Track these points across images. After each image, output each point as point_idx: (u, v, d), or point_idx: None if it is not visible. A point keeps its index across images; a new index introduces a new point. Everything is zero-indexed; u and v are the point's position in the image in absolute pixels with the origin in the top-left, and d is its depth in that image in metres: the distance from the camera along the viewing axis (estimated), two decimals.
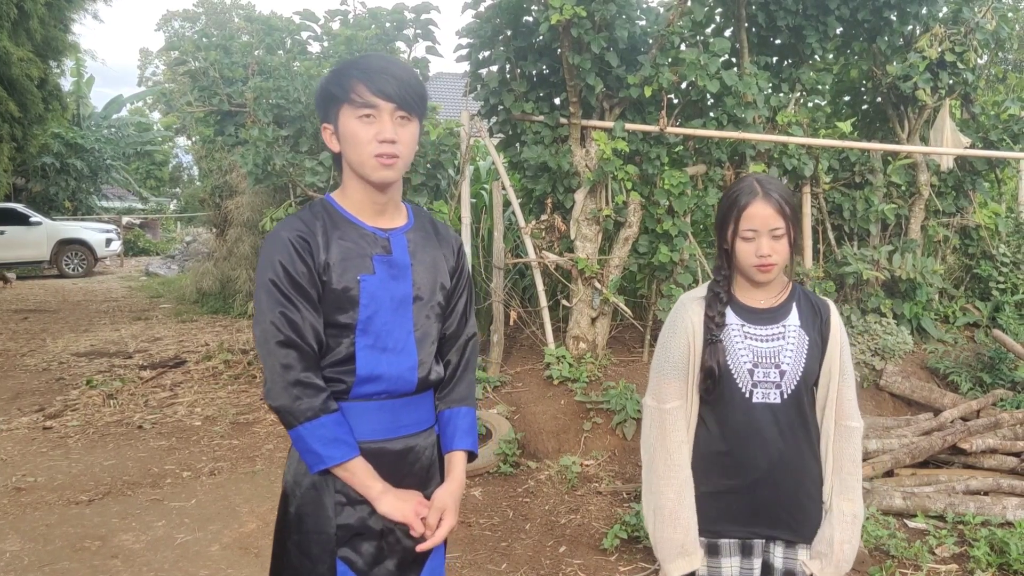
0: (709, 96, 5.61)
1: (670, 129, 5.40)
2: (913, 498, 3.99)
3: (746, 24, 6.16)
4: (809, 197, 6.26)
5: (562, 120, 5.50)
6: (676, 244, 5.45)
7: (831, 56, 6.96)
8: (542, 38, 5.36)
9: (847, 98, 7.51)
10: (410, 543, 1.70)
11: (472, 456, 1.86)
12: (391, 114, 1.64)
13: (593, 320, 5.58)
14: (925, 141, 6.62)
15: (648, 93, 5.15)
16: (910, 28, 6.52)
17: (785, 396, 1.89)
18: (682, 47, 5.43)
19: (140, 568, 3.56)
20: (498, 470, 4.65)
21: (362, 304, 1.66)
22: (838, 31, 6.42)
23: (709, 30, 6.49)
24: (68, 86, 23.77)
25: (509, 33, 5.52)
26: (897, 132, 6.75)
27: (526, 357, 5.78)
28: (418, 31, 5.75)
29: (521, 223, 5.69)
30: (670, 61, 5.28)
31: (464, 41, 5.73)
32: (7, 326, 10.30)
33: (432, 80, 7.47)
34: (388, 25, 5.73)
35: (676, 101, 5.58)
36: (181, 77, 12.08)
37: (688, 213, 5.54)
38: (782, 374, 1.89)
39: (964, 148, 6.29)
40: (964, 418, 4.93)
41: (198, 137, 14.03)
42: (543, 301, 5.66)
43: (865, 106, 7.26)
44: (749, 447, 1.90)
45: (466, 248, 2.04)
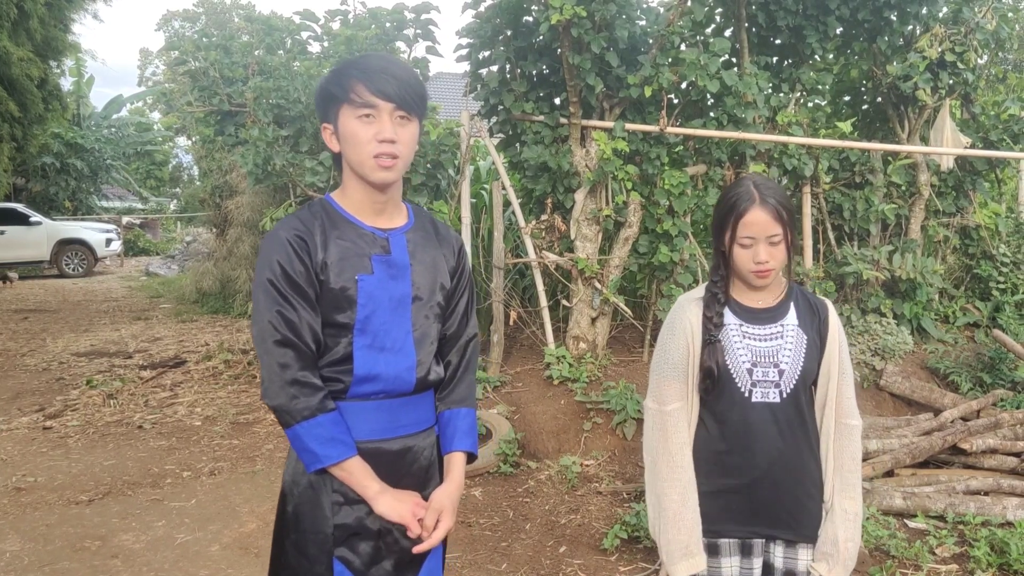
0: (709, 96, 5.61)
1: (670, 129, 5.40)
2: (913, 498, 3.99)
3: (746, 24, 6.16)
4: (809, 197, 6.26)
5: (562, 120, 5.51)
6: (676, 244, 5.46)
7: (831, 56, 6.96)
8: (542, 38, 5.36)
9: (847, 98, 7.51)
10: (408, 543, 1.69)
11: (472, 458, 1.85)
12: (391, 114, 1.63)
13: (593, 320, 5.58)
14: (925, 141, 6.62)
15: (648, 93, 5.15)
16: (910, 28, 6.52)
17: (784, 395, 1.90)
18: (682, 47, 5.43)
19: (140, 568, 3.56)
20: (498, 470, 4.65)
21: (360, 304, 1.66)
22: (838, 31, 6.42)
23: (709, 30, 6.49)
24: (68, 86, 23.77)
25: (509, 33, 5.52)
26: (897, 132, 6.75)
27: (526, 357, 5.78)
28: (418, 31, 5.75)
29: (521, 223, 5.68)
30: (670, 61, 5.28)
31: (464, 41, 5.74)
32: (7, 326, 10.30)
33: (432, 80, 7.47)
34: (388, 25, 5.73)
35: (676, 101, 5.58)
36: (181, 77, 12.08)
37: (688, 213, 5.54)
38: (781, 373, 1.90)
39: (964, 148, 6.29)
40: (964, 418, 4.93)
41: (198, 137, 14.03)
42: (543, 301, 5.66)
43: (865, 106, 7.26)
44: (748, 446, 1.91)
45: (466, 248, 2.02)
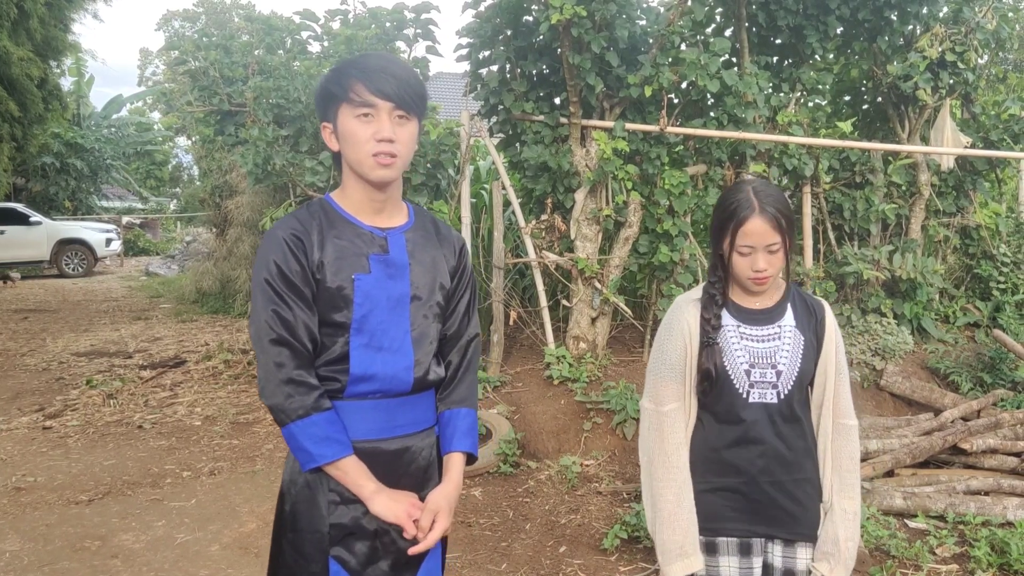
0: (709, 96, 5.61)
1: (670, 129, 5.40)
2: (914, 498, 3.99)
3: (746, 24, 6.16)
4: (809, 197, 6.25)
5: (562, 120, 5.50)
6: (676, 244, 5.45)
7: (831, 56, 6.95)
8: (542, 38, 5.36)
9: (847, 98, 7.50)
10: (405, 544, 1.68)
11: (472, 459, 1.83)
12: (389, 113, 1.63)
13: (593, 320, 5.58)
14: (925, 141, 6.62)
15: (648, 93, 5.15)
16: (910, 28, 6.52)
17: (781, 396, 1.91)
18: (682, 47, 5.43)
19: (140, 568, 3.56)
20: (498, 470, 4.65)
21: (356, 303, 1.65)
22: (838, 31, 6.42)
23: (709, 30, 6.49)
24: (68, 86, 23.78)
25: (509, 33, 5.52)
26: (897, 132, 6.75)
27: (526, 357, 5.78)
28: (418, 31, 5.75)
29: (521, 223, 5.68)
30: (670, 61, 5.28)
31: (464, 41, 5.73)
32: (7, 326, 10.30)
33: (432, 80, 7.47)
34: (388, 25, 5.73)
35: (676, 101, 5.58)
36: (181, 77, 12.08)
37: (688, 213, 5.54)
38: (778, 374, 1.91)
39: (964, 148, 6.29)
40: (964, 418, 4.93)
41: (198, 137, 14.03)
42: (543, 301, 5.66)
43: (865, 106, 7.25)
44: (746, 447, 1.91)
45: (468, 248, 2.00)
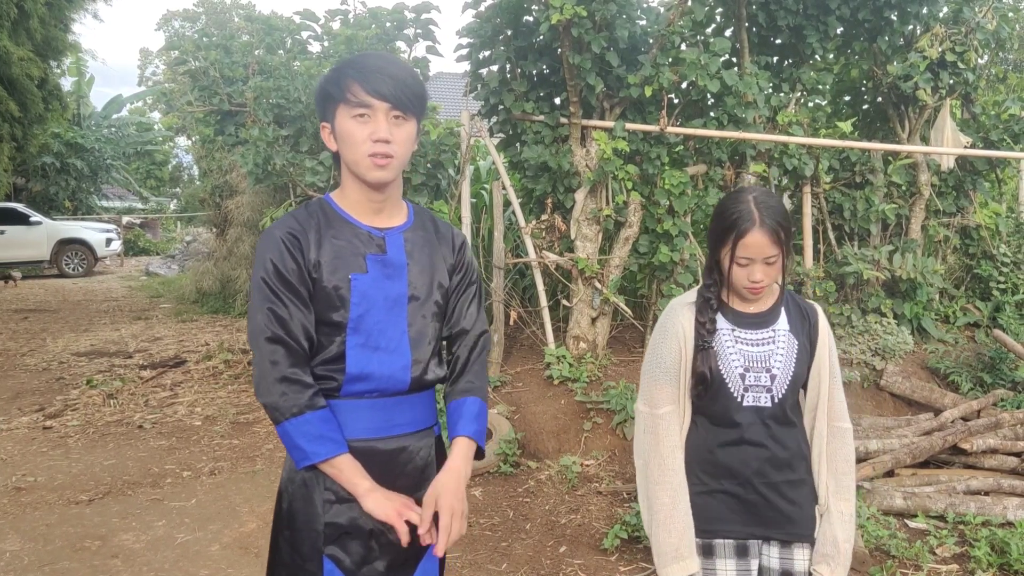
0: (709, 96, 5.61)
1: (670, 129, 5.40)
2: (914, 498, 3.99)
3: (746, 24, 6.16)
4: (809, 197, 6.25)
5: (562, 120, 5.50)
6: (676, 244, 5.45)
7: (831, 56, 6.95)
8: (542, 38, 5.36)
9: (847, 98, 7.51)
10: (400, 544, 1.65)
11: (479, 452, 1.76)
12: (386, 114, 1.62)
13: (593, 320, 5.58)
14: (925, 141, 6.62)
15: (648, 93, 5.14)
16: (911, 28, 6.52)
17: (776, 400, 1.92)
18: (682, 47, 5.43)
19: (140, 568, 3.56)
20: (498, 470, 4.65)
21: (353, 303, 1.65)
22: (839, 31, 6.42)
23: (709, 30, 6.49)
24: (68, 86, 23.78)
25: (509, 33, 5.52)
26: (897, 132, 6.75)
27: (526, 357, 5.78)
28: (418, 31, 5.75)
29: (521, 223, 5.68)
30: (670, 61, 5.28)
31: (464, 41, 5.73)
32: (7, 326, 10.30)
33: (432, 80, 7.47)
34: (388, 25, 5.73)
35: (676, 101, 5.58)
36: (181, 77, 12.08)
37: (688, 213, 5.54)
38: (773, 378, 1.92)
39: (964, 148, 6.29)
40: (965, 418, 4.93)
41: (198, 137, 14.03)
42: (543, 301, 5.66)
43: (865, 106, 7.25)
44: (740, 450, 1.93)
45: (469, 244, 1.99)
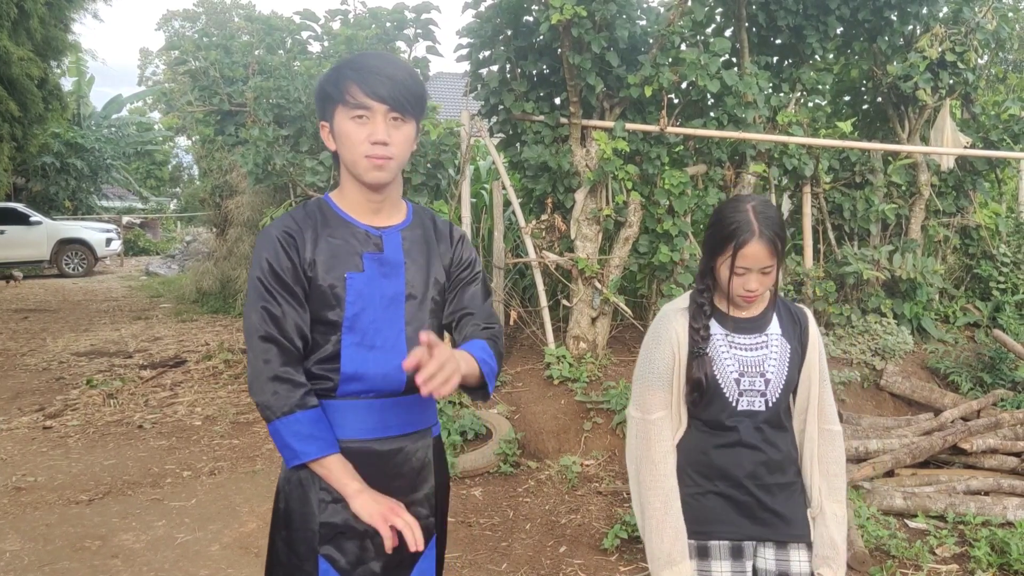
0: (709, 96, 5.61)
1: (670, 129, 5.40)
2: (914, 498, 3.99)
3: (746, 24, 6.16)
4: (809, 197, 6.26)
5: (562, 120, 5.50)
6: (676, 244, 5.45)
7: (831, 56, 6.95)
8: (542, 38, 5.36)
9: (847, 98, 7.51)
10: (400, 545, 1.63)
11: (483, 387, 1.64)
12: (384, 115, 1.61)
13: (593, 320, 5.58)
14: (925, 141, 6.62)
15: (648, 93, 5.15)
16: (910, 28, 6.52)
17: (769, 404, 1.94)
18: (682, 47, 5.43)
19: (140, 568, 3.56)
20: (498, 470, 4.65)
21: (348, 301, 1.65)
22: (838, 31, 6.42)
23: (709, 30, 6.49)
24: (68, 86, 23.77)
25: (509, 33, 5.52)
26: (897, 132, 6.75)
27: (526, 357, 5.78)
28: (418, 31, 5.75)
29: (521, 223, 5.68)
30: (670, 61, 5.28)
31: (464, 41, 5.73)
32: (7, 326, 10.30)
33: (432, 80, 7.47)
34: (388, 25, 5.73)
35: (676, 101, 5.58)
36: (181, 77, 12.09)
37: (688, 213, 5.54)
38: (767, 383, 1.93)
39: (964, 148, 6.29)
40: (964, 418, 4.93)
41: (198, 137, 14.03)
42: (543, 301, 5.66)
43: (865, 106, 7.25)
44: (735, 452, 1.94)
45: (468, 238, 1.97)
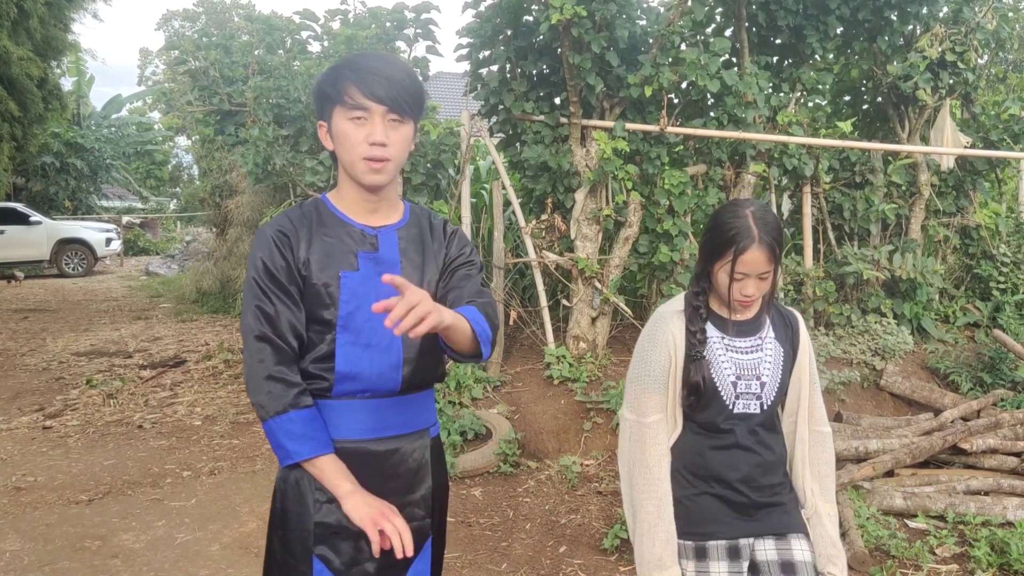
0: (709, 96, 5.61)
1: (670, 129, 5.40)
2: (914, 498, 3.99)
3: (746, 24, 6.16)
4: (809, 197, 6.26)
5: (562, 120, 5.50)
6: (676, 244, 5.45)
7: (831, 56, 6.95)
8: (542, 38, 5.36)
9: (847, 98, 7.51)
10: (391, 547, 1.62)
11: (477, 349, 1.57)
12: (382, 116, 1.61)
13: (593, 320, 5.58)
14: (925, 141, 6.62)
15: (648, 93, 5.15)
16: (910, 28, 6.52)
17: (764, 407, 1.95)
18: (682, 47, 5.43)
19: (140, 568, 3.56)
20: (498, 470, 4.65)
21: (342, 300, 1.65)
22: (838, 31, 6.42)
23: (709, 30, 6.49)
24: (68, 86, 23.77)
25: (509, 33, 5.52)
26: (897, 132, 6.75)
27: (526, 357, 5.78)
28: (418, 31, 5.74)
29: (521, 223, 5.68)
30: (670, 61, 5.28)
31: (464, 41, 5.73)
32: (7, 325, 10.30)
33: (432, 80, 7.48)
34: (388, 25, 5.73)
35: (676, 101, 5.58)
36: (181, 76, 12.09)
37: (688, 213, 5.54)
38: (763, 385, 1.94)
39: (964, 148, 6.29)
40: (964, 418, 4.93)
41: (198, 137, 14.03)
42: (543, 301, 5.66)
43: (865, 106, 7.25)
44: (731, 454, 1.95)
45: (465, 234, 1.96)
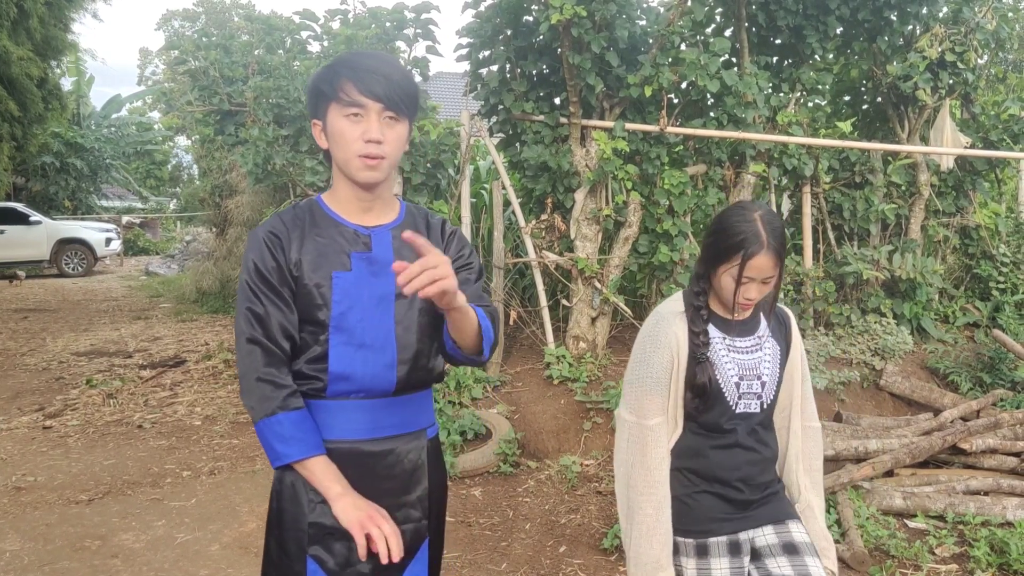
0: (709, 96, 5.61)
1: (670, 129, 5.40)
2: (913, 498, 4.00)
3: (746, 24, 6.16)
4: (809, 197, 6.26)
5: (562, 120, 5.50)
6: (676, 244, 5.46)
7: (831, 56, 6.95)
8: (542, 38, 5.36)
9: (847, 98, 7.51)
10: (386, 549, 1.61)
11: (479, 347, 1.62)
12: (378, 114, 1.61)
13: (593, 320, 5.58)
14: (925, 141, 6.62)
15: (648, 93, 5.15)
16: (910, 28, 6.52)
17: (764, 405, 1.96)
18: (682, 47, 5.43)
19: (140, 567, 3.56)
20: (498, 470, 4.65)
21: (334, 300, 1.64)
22: (838, 31, 6.42)
23: (709, 30, 6.49)
24: (68, 85, 23.77)
25: (509, 33, 5.52)
26: (897, 132, 6.75)
27: (526, 357, 5.78)
28: (418, 31, 5.75)
29: (521, 223, 5.68)
30: (670, 61, 5.28)
31: (464, 41, 5.73)
32: (7, 325, 10.30)
33: (432, 80, 7.48)
34: (388, 25, 5.73)
35: (676, 101, 5.58)
36: (181, 76, 12.10)
37: (688, 213, 5.54)
38: (763, 385, 1.95)
39: (964, 148, 6.29)
40: (964, 418, 4.93)
41: (198, 137, 14.04)
42: (543, 301, 5.66)
43: (865, 106, 7.25)
44: (731, 453, 1.95)
45: (463, 233, 1.95)
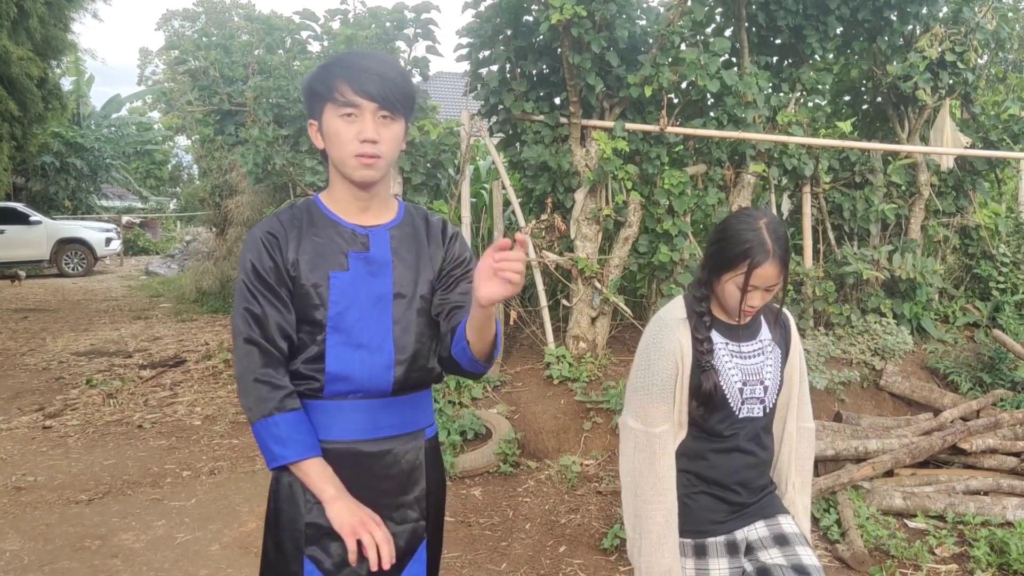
0: (709, 96, 5.61)
1: (670, 129, 5.40)
2: (913, 498, 4.00)
3: (746, 24, 6.16)
4: (809, 197, 6.26)
5: (562, 120, 5.50)
6: (676, 244, 5.46)
7: (831, 56, 6.95)
8: (542, 38, 5.36)
9: (847, 98, 7.51)
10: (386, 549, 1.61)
11: (489, 356, 1.63)
12: (373, 113, 1.61)
13: (593, 320, 5.58)
14: (925, 141, 6.62)
15: (648, 93, 5.15)
16: (910, 28, 6.52)
17: (767, 410, 1.96)
18: (682, 47, 5.43)
19: (140, 567, 3.56)
20: (498, 470, 4.65)
21: (331, 300, 1.64)
22: (838, 31, 6.42)
23: (709, 30, 6.49)
24: (68, 85, 23.77)
25: (509, 33, 5.53)
26: (897, 132, 6.75)
27: (526, 357, 5.78)
28: (418, 31, 5.75)
29: (521, 223, 5.69)
30: (670, 61, 5.28)
31: (464, 41, 5.74)
32: (7, 325, 10.30)
33: (432, 80, 7.48)
34: (388, 24, 5.73)
35: (676, 101, 5.58)
36: (181, 76, 12.10)
37: (688, 213, 5.54)
38: (766, 389, 1.95)
39: (964, 148, 6.29)
40: (964, 418, 4.93)
41: (198, 137, 14.04)
42: (543, 301, 5.66)
43: (865, 106, 7.25)
44: (731, 458, 1.96)
45: (464, 236, 1.96)
